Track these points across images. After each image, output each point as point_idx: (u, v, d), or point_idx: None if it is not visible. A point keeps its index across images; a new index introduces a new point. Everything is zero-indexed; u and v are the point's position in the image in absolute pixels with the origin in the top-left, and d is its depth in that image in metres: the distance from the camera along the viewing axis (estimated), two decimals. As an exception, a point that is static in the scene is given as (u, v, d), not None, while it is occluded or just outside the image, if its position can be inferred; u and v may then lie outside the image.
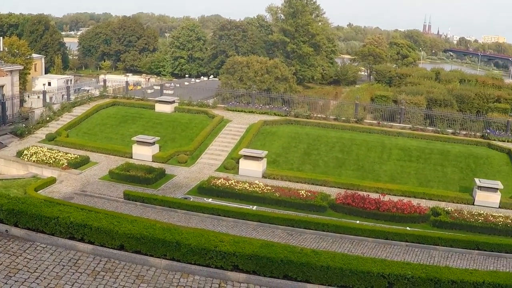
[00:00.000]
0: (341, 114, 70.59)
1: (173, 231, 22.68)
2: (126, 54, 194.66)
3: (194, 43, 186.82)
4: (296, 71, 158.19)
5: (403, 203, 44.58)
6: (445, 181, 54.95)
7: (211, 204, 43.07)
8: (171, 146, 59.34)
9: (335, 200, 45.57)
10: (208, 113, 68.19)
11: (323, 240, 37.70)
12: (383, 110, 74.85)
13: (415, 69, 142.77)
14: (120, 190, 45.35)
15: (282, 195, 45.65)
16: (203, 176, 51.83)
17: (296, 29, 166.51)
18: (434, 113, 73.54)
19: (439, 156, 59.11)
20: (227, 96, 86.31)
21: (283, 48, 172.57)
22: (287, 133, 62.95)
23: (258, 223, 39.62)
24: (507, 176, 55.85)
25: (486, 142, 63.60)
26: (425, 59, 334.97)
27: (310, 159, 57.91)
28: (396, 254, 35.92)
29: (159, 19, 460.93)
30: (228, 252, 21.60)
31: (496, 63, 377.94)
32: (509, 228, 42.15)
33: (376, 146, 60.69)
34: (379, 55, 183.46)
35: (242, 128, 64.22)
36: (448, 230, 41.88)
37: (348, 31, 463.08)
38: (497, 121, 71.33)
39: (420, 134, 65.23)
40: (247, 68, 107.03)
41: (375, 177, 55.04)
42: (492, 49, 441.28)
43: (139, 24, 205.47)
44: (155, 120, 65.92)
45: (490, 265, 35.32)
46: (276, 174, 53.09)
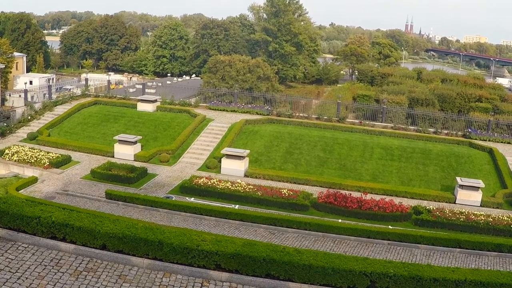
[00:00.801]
0: (323, 113, 70.77)
1: (156, 231, 22.64)
2: (108, 53, 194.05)
3: (176, 42, 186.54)
4: (279, 70, 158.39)
5: (385, 202, 44.74)
6: (426, 180, 55.26)
7: (193, 203, 42.97)
8: (153, 145, 59.24)
9: (317, 199, 45.68)
10: (190, 112, 68.12)
11: (305, 239, 37.77)
12: (365, 109, 75.11)
13: (397, 69, 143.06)
14: (102, 190, 45.22)
15: (264, 194, 45.69)
16: (185, 175, 51.80)
17: (278, 28, 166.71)
18: (416, 113, 73.84)
19: (421, 155, 59.41)
20: (209, 95, 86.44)
21: (265, 47, 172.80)
22: (269, 132, 62.99)
23: (240, 222, 39.64)
24: (488, 175, 56.26)
25: (468, 141, 64.05)
26: (407, 59, 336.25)
27: (292, 158, 57.98)
28: (378, 252, 36.05)
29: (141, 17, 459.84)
30: (210, 251, 21.60)
31: (478, 63, 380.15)
32: (491, 227, 42.50)
33: (358, 145, 60.88)
34: (361, 55, 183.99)
35: (224, 127, 64.22)
36: (430, 228, 42.21)
37: (331, 31, 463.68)
38: (479, 121, 71.89)
39: (402, 133, 65.56)
40: (229, 67, 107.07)
41: (357, 176, 55.22)
42: (474, 49, 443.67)
43: (121, 23, 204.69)
44: (137, 119, 65.78)
45: (472, 263, 35.56)
46: (258, 173, 53.15)
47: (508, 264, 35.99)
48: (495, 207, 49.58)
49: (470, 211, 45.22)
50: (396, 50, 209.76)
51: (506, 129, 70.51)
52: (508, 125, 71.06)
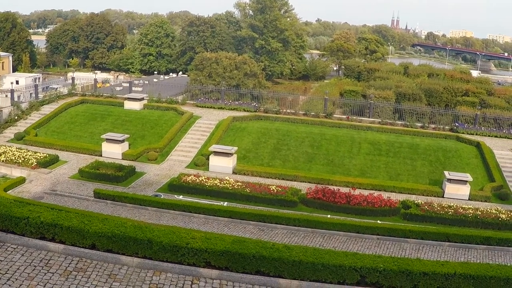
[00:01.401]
0: (310, 109, 70.93)
1: (145, 229, 22.63)
2: (95, 52, 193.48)
3: (162, 39, 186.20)
4: (265, 66, 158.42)
5: (374, 197, 44.92)
6: (414, 174, 55.46)
7: (182, 201, 42.94)
8: (140, 144, 59.16)
9: (306, 195, 45.78)
10: (177, 109, 68.04)
11: (294, 235, 37.83)
12: (352, 104, 75.26)
13: (384, 64, 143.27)
14: (90, 189, 45.13)
15: (253, 191, 45.72)
16: (173, 173, 51.75)
17: (264, 24, 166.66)
18: (403, 107, 74.09)
19: (409, 150, 59.57)
20: (196, 92, 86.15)
21: (251, 44, 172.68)
22: (257, 128, 62.99)
23: (229, 219, 39.65)
24: (476, 169, 56.51)
25: (455, 135, 64.33)
26: (394, 54, 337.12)
27: (280, 154, 58.02)
28: (367, 247, 36.16)
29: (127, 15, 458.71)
30: (200, 248, 21.60)
31: (464, 57, 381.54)
32: (479, 220, 42.76)
33: (345, 140, 60.97)
34: (348, 50, 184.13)
35: (211, 124, 64.18)
36: (419, 222, 42.38)
37: (317, 27, 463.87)
38: (466, 115, 72.21)
39: (389, 128, 65.73)
40: (216, 64, 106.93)
41: (345, 171, 55.33)
42: (460, 43, 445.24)
43: (107, 21, 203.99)
44: (124, 117, 65.62)
45: (461, 257, 35.75)
46: (247, 170, 53.16)
47: (497, 257, 36.20)
48: (483, 200, 49.86)
49: (459, 205, 45.51)
50: (382, 46, 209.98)
51: (493, 123, 70.80)
52: (495, 118, 71.37)
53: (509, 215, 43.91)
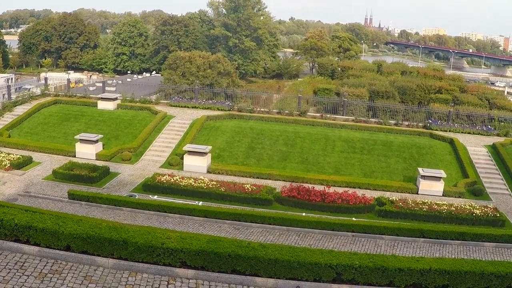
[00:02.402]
0: (284, 107, 71.10)
1: (120, 230, 22.57)
2: (68, 51, 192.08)
3: (136, 39, 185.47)
4: (239, 65, 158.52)
5: (348, 194, 45.20)
6: (389, 172, 55.83)
7: (156, 201, 42.84)
8: (114, 144, 58.96)
9: (281, 193, 45.94)
10: (151, 109, 67.92)
11: (270, 233, 37.86)
12: (326, 103, 75.56)
13: (357, 62, 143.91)
14: (64, 190, 44.85)
15: (228, 190, 45.80)
16: (147, 173, 51.66)
17: (238, 23, 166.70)
18: (377, 105, 74.51)
19: (383, 147, 59.92)
20: (170, 92, 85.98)
21: (225, 43, 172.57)
22: (231, 127, 63.01)
23: (204, 219, 39.57)
24: (449, 165, 57.01)
25: (429, 132, 64.92)
26: (367, 52, 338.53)
27: (255, 153, 58.10)
28: (343, 244, 36.28)
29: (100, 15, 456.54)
30: (175, 248, 21.58)
31: (437, 55, 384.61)
32: (453, 216, 43.33)
33: (319, 138, 61.17)
34: (321, 49, 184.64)
35: (185, 123, 64.12)
36: (394, 219, 42.79)
37: (290, 25, 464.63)
38: (439, 112, 72.78)
39: (363, 125, 66.13)
40: (189, 64, 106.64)
41: (319, 169, 55.55)
42: (433, 41, 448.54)
43: (80, 20, 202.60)
44: (98, 117, 65.34)
45: (436, 252, 35.97)
46: (221, 169, 53.19)
47: (471, 252, 36.51)
48: (457, 196, 50.46)
49: (433, 201, 46.03)
50: (356, 44, 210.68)
51: (466, 120, 71.49)
52: (468, 115, 72.07)
53: (483, 210, 44.53)
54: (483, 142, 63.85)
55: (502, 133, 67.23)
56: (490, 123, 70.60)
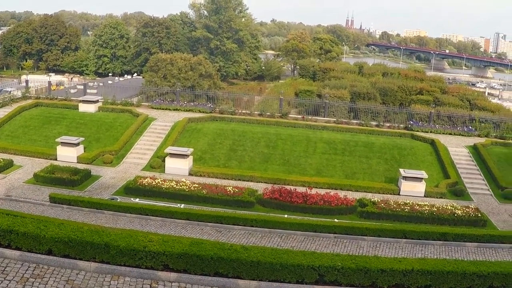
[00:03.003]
0: (265, 109, 71.27)
1: (101, 233, 22.52)
2: (49, 54, 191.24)
3: (117, 41, 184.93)
4: (220, 67, 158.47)
5: (330, 196, 45.32)
6: (370, 173, 56.06)
7: (138, 204, 42.74)
8: (96, 147, 58.76)
9: (263, 195, 45.98)
10: (132, 111, 67.77)
11: (252, 235, 37.88)
12: (308, 104, 75.79)
13: (339, 64, 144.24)
14: (45, 193, 44.57)
15: (210, 192, 45.78)
16: (129, 176, 51.54)
17: (219, 25, 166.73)
18: (358, 106, 74.87)
19: (364, 148, 60.13)
20: (151, 94, 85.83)
21: (206, 45, 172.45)
22: (213, 129, 63.01)
23: (186, 221, 39.52)
24: (431, 166, 57.34)
25: (410, 133, 65.25)
26: (348, 54, 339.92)
27: (236, 155, 58.13)
28: (325, 246, 36.35)
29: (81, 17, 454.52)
30: (157, 251, 21.57)
31: (418, 56, 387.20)
32: (435, 216, 43.63)
33: (301, 140, 61.29)
34: (303, 50, 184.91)
35: (167, 126, 64.03)
36: (376, 220, 43.00)
37: (272, 27, 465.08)
38: (420, 113, 73.31)
39: (344, 127, 66.36)
40: (171, 66, 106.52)
41: (301, 171, 55.65)
42: (414, 42, 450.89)
43: (61, 23, 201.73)
44: (79, 120, 65.12)
45: (418, 253, 36.14)
46: (203, 171, 53.16)
47: (453, 252, 36.74)
48: (439, 197, 50.81)
49: (415, 202, 46.24)
50: (337, 45, 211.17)
51: (447, 121, 72.06)
52: (449, 116, 72.63)
53: (464, 211, 44.85)
54: (464, 142, 64.25)
55: (483, 133, 67.73)
56: (471, 124, 71.13)
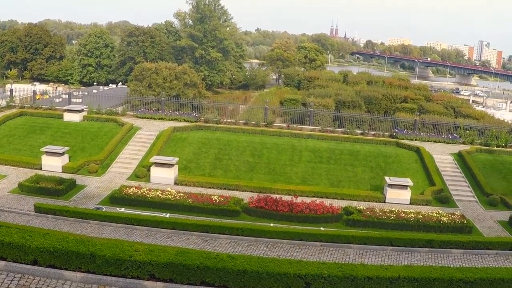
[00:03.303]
0: (251, 118, 71.42)
1: (87, 243, 22.46)
2: (33, 63, 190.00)
3: (102, 50, 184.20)
4: (205, 76, 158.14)
5: (316, 204, 45.46)
6: (356, 181, 56.22)
7: (124, 213, 42.57)
8: (81, 156, 58.57)
9: (248, 204, 46.02)
10: (117, 121, 67.63)
11: (238, 244, 37.86)
12: (293, 113, 75.93)
13: (323, 72, 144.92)
14: (30, 203, 44.43)
15: (195, 201, 45.79)
16: (114, 185, 51.43)
17: (204, 34, 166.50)
18: (343, 115, 75.09)
19: (349, 157, 60.31)
20: (136, 103, 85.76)
21: (191, 54, 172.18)
22: (198, 138, 62.99)
23: (172, 231, 39.45)
24: (416, 173, 57.61)
25: (395, 141, 65.56)
26: (333, 62, 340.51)
27: (222, 164, 58.13)
28: (311, 254, 36.39)
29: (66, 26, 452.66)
30: (143, 261, 21.53)
31: (403, 65, 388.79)
32: (421, 223, 43.96)
33: (286, 149, 61.38)
34: (287, 59, 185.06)
35: (152, 135, 63.96)
36: (362, 228, 43.18)
37: (256, 36, 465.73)
38: (405, 121, 73.57)
39: (329, 135, 66.53)
40: (155, 75, 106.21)
41: (286, 179, 55.71)
42: (398, 51, 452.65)
43: (45, 31, 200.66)
44: (64, 129, 64.94)
45: (404, 260, 36.30)
46: (188, 181, 53.15)
47: (440, 259, 36.93)
48: (424, 204, 51.17)
49: (400, 209, 46.57)
50: (321, 54, 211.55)
51: (432, 128, 72.45)
52: (433, 124, 73.00)
53: (450, 218, 45.24)
54: (449, 150, 64.61)
55: (468, 141, 68.17)
56: (456, 131, 71.54)
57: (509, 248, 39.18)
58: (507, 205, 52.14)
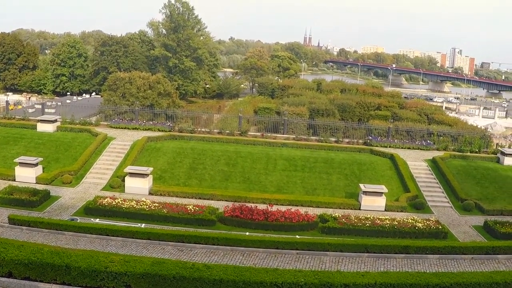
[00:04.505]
0: (225, 127, 71.35)
1: (62, 255, 22.37)
2: (6, 73, 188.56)
3: (75, 59, 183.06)
4: (179, 85, 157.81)
5: (291, 212, 45.52)
6: (331, 188, 56.39)
7: (98, 224, 42.40)
8: (55, 167, 58.19)
9: (224, 213, 46.00)
10: (91, 131, 67.30)
11: (214, 254, 37.84)
12: (267, 122, 76.07)
13: (297, 81, 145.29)
14: (4, 215, 44.08)
15: (170, 211, 45.68)
16: (89, 196, 51.15)
17: (178, 43, 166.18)
18: (317, 123, 75.39)
19: (324, 164, 60.47)
20: (110, 113, 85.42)
21: (165, 63, 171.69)
22: (172, 148, 62.87)
23: (148, 241, 39.35)
24: (390, 180, 57.92)
25: (369, 148, 65.96)
26: (307, 71, 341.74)
27: (196, 173, 58.05)
28: (287, 262, 36.48)
29: (39, 35, 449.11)
30: (119, 272, 21.49)
31: (376, 72, 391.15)
32: (396, 230, 44.26)
33: (261, 157, 61.43)
34: (261, 68, 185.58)
35: (126, 145, 63.75)
36: (337, 235, 43.31)
37: (230, 45, 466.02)
38: (379, 128, 74.04)
39: (304, 143, 66.69)
40: (129, 84, 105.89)
41: (261, 188, 55.74)
42: (372, 59, 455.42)
43: (18, 41, 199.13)
44: (37, 140, 64.49)
45: (380, 266, 36.50)
46: (163, 190, 53.00)
47: (415, 265, 37.23)
48: (399, 210, 51.44)
49: (375, 216, 46.87)
50: (295, 63, 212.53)
51: (406, 135, 72.87)
52: (407, 131, 73.45)
53: (425, 223, 45.67)
54: (423, 156, 65.11)
55: (441, 147, 68.78)
56: (430, 138, 72.12)
57: (484, 252, 39.70)
58: (482, 210, 52.70)
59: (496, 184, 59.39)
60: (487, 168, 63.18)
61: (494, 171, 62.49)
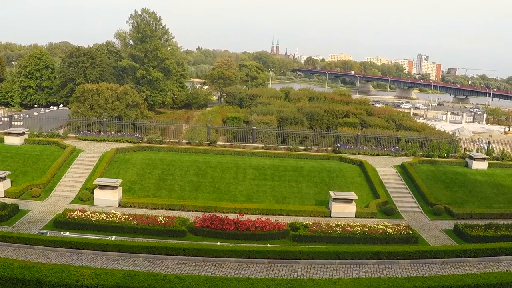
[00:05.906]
0: (194, 137, 71.49)
1: (32, 269, 22.25)
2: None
3: (42, 71, 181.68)
4: (147, 96, 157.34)
5: (262, 221, 45.66)
6: (301, 196, 56.65)
7: (68, 237, 42.11)
8: (23, 180, 57.75)
9: (194, 223, 46.03)
10: (59, 143, 66.94)
11: (185, 264, 37.78)
12: (235, 131, 76.30)
13: (265, 90, 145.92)
14: (-28, 230, 43.75)
15: (140, 223, 45.58)
16: (58, 209, 50.84)
17: (145, 54, 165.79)
18: (286, 131, 75.68)
19: (293, 173, 60.72)
20: (78, 125, 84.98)
21: (133, 74, 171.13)
22: (141, 159, 62.74)
23: (118, 253, 39.16)
24: (360, 187, 58.38)
25: (338, 156, 66.40)
26: (275, 79, 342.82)
27: (166, 184, 57.98)
28: (259, 271, 36.52)
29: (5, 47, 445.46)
30: (90, 285, 21.42)
31: (344, 80, 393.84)
32: (367, 236, 44.67)
33: (230, 167, 61.52)
34: (229, 78, 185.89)
35: (95, 157, 63.48)
36: (308, 243, 43.58)
37: (198, 55, 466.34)
38: (347, 135, 74.63)
39: (273, 152, 66.93)
40: (97, 96, 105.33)
41: (231, 197, 55.83)
42: (339, 67, 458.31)
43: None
44: (5, 153, 63.94)
45: (353, 273, 36.74)
46: (133, 202, 52.88)
47: (387, 270, 37.55)
48: (370, 217, 52.00)
49: (346, 223, 47.27)
50: (263, 72, 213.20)
51: (374, 142, 73.48)
52: (376, 137, 74.02)
53: (396, 229, 46.20)
54: (392, 162, 65.72)
55: (410, 153, 69.48)
56: (398, 144, 72.86)
57: (455, 256, 40.13)
58: (452, 214, 53.45)
59: (465, 188, 60.17)
60: (456, 172, 63.91)
61: (462, 175, 63.22)
